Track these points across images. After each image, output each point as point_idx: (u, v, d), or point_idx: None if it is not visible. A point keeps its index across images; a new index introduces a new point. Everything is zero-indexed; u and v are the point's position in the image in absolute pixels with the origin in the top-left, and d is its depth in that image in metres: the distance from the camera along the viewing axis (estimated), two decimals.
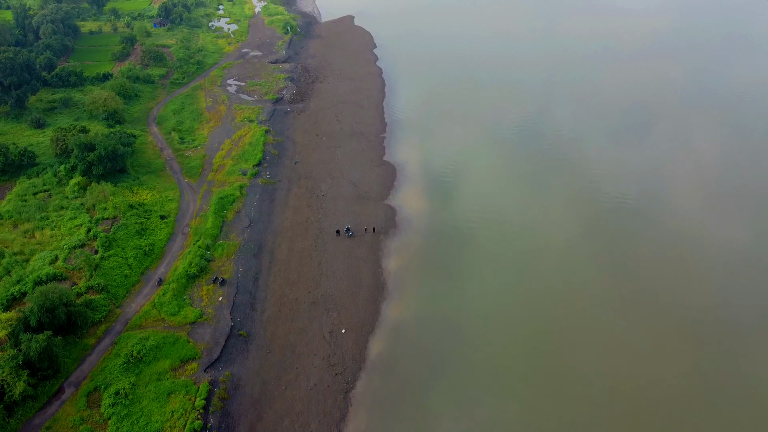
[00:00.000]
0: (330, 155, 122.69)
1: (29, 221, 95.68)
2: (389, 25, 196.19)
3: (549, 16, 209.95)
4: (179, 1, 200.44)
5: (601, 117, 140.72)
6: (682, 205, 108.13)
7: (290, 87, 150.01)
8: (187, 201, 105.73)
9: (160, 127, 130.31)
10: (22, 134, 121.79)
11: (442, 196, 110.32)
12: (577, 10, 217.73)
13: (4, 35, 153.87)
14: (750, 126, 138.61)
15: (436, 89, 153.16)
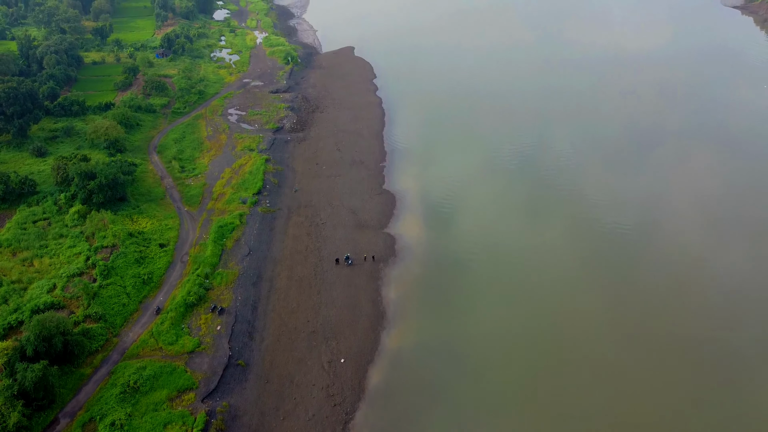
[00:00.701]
0: (330, 184, 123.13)
1: (28, 249, 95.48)
2: (389, 55, 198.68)
3: (548, 46, 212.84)
4: (182, 32, 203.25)
5: (600, 145, 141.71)
6: (681, 234, 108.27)
7: (291, 116, 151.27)
8: (186, 229, 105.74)
9: (160, 155, 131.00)
10: (23, 163, 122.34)
11: (441, 224, 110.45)
12: (576, 40, 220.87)
13: (8, 65, 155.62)
14: (748, 153, 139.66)
15: (436, 118, 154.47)
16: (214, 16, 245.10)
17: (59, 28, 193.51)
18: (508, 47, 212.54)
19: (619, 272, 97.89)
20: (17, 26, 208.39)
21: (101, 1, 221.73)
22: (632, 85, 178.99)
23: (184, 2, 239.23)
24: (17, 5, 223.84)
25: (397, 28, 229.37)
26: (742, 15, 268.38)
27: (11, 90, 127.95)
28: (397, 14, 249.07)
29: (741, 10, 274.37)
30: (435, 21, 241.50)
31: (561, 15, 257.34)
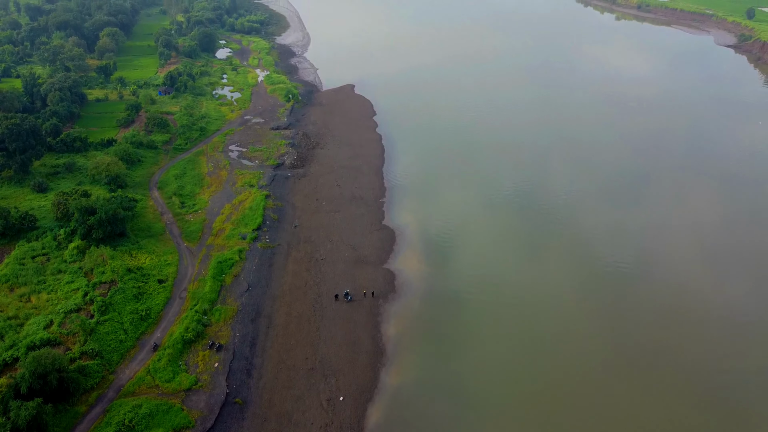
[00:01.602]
0: (329, 219, 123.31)
1: (26, 285, 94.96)
2: (389, 93, 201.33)
3: (547, 83, 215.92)
4: (184, 70, 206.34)
5: (598, 180, 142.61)
6: (680, 268, 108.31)
7: (291, 152, 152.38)
8: (185, 265, 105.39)
9: (161, 191, 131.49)
10: (24, 198, 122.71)
11: (441, 260, 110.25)
12: (575, 78, 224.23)
13: (12, 102, 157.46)
14: (745, 188, 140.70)
15: (435, 154, 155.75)
16: (216, 54, 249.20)
17: (64, 66, 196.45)
18: (507, 86, 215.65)
19: (618, 307, 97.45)
20: (23, 64, 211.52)
21: (106, 41, 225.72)
22: (629, 122, 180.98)
23: (187, 41, 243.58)
24: (23, 44, 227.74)
25: (397, 67, 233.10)
26: (735, 54, 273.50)
27: (14, 126, 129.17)
28: (397, 54, 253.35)
29: (734, 49, 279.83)
30: (435, 59, 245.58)
31: (560, 55, 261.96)
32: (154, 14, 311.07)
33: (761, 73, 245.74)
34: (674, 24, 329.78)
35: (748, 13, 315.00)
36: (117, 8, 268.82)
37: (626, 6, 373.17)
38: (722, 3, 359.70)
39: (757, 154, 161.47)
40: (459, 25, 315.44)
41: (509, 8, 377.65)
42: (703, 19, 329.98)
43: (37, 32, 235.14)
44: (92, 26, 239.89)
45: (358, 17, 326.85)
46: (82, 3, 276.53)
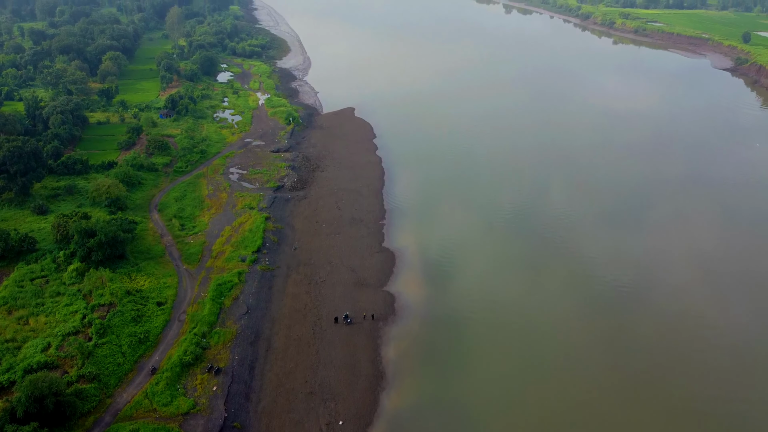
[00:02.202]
0: (329, 242, 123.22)
1: (24, 308, 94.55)
2: (389, 116, 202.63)
3: (547, 108, 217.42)
4: (186, 93, 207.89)
5: (598, 203, 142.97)
6: (681, 291, 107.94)
7: (291, 175, 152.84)
8: (185, 287, 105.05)
9: (161, 213, 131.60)
10: (24, 220, 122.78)
11: (441, 282, 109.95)
12: (574, 101, 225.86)
13: (14, 125, 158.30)
14: (745, 210, 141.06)
15: (435, 176, 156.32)
16: (217, 78, 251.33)
17: (66, 89, 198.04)
18: (507, 108, 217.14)
19: (619, 331, 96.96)
20: (26, 88, 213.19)
21: (108, 64, 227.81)
22: (628, 144, 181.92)
23: (189, 65, 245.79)
24: (26, 68, 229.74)
25: (397, 90, 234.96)
26: (732, 77, 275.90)
27: (16, 149, 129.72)
28: (398, 77, 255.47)
29: (731, 72, 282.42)
30: (435, 83, 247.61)
31: (560, 79, 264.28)
32: (157, 38, 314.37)
33: (758, 96, 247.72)
34: (671, 48, 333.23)
35: (743, 37, 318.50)
36: (120, 33, 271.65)
37: (623, 30, 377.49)
38: (718, 28, 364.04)
39: (756, 176, 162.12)
40: (458, 50, 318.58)
41: (509, 33, 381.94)
42: (699, 43, 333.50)
43: (40, 56, 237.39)
44: (95, 50, 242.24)
45: (359, 42, 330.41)
46: (86, 28, 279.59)
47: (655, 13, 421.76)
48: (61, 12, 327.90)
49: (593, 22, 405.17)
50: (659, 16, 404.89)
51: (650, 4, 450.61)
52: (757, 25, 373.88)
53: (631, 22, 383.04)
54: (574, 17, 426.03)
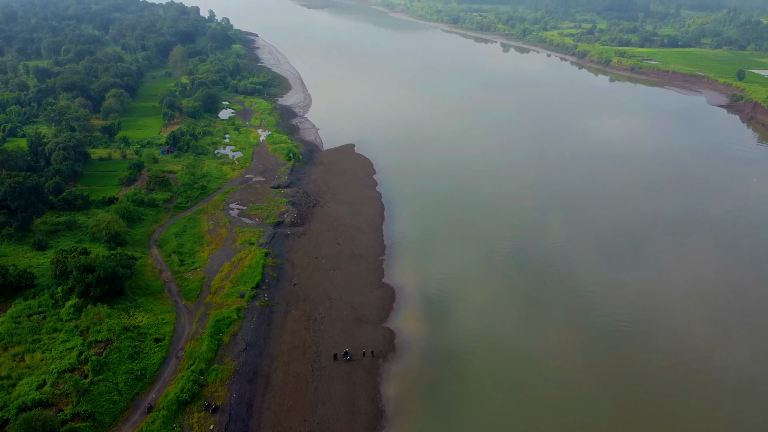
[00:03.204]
0: (329, 277, 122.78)
1: (21, 344, 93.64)
2: (389, 152, 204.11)
3: (545, 143, 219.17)
4: (187, 130, 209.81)
5: (596, 238, 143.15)
6: (681, 326, 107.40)
7: (291, 211, 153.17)
8: (183, 324, 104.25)
9: (160, 249, 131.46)
10: (23, 256, 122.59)
11: (441, 318, 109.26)
12: (572, 138, 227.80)
13: (16, 161, 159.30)
14: (743, 243, 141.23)
15: (434, 211, 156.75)
16: (219, 115, 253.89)
17: (69, 126, 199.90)
18: (505, 144, 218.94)
19: (620, 366, 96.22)
20: (29, 124, 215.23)
21: (111, 101, 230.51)
22: (627, 179, 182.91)
23: (191, 102, 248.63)
24: (30, 105, 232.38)
25: (397, 127, 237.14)
26: (728, 113, 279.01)
27: (17, 185, 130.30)
28: (397, 114, 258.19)
29: (727, 108, 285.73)
30: (434, 120, 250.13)
31: (558, 115, 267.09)
32: (160, 76, 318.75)
33: (755, 132, 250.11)
34: (667, 85, 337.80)
35: (738, 74, 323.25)
36: (123, 71, 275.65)
37: (620, 68, 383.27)
38: (713, 65, 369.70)
39: (754, 210, 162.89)
40: (456, 86, 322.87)
41: (505, 70, 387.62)
42: (694, 80, 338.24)
43: (44, 93, 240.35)
44: (98, 88, 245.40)
45: (359, 79, 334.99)
46: (90, 66, 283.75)
47: (650, 51, 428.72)
48: (66, 51, 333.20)
49: (590, 60, 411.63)
50: (654, 55, 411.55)
51: (645, 43, 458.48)
52: (751, 63, 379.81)
53: (627, 60, 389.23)
54: (571, 55, 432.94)
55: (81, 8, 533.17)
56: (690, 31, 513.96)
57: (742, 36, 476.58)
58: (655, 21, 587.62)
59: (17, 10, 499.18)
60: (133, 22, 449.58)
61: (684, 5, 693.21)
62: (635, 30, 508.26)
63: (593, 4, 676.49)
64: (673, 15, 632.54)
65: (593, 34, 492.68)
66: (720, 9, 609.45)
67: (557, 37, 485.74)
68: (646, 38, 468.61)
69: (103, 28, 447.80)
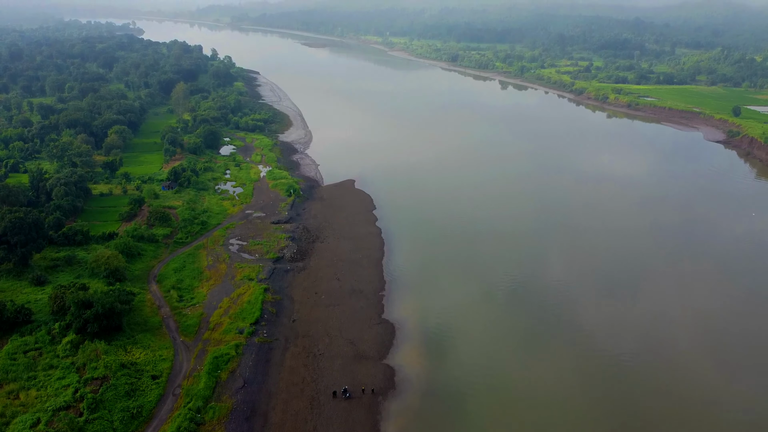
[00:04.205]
0: (328, 313, 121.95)
1: (16, 381, 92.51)
2: (389, 188, 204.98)
3: (544, 179, 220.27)
4: (188, 166, 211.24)
5: (596, 272, 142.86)
6: (684, 362, 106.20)
7: (291, 246, 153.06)
8: (180, 360, 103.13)
9: (159, 285, 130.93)
10: (21, 291, 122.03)
11: (442, 354, 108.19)
12: (571, 172, 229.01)
13: (18, 196, 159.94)
14: (745, 277, 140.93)
15: (434, 247, 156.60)
16: (220, 151, 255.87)
17: (71, 162, 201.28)
18: (504, 180, 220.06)
19: (622, 405, 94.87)
20: (31, 160, 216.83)
21: (113, 138, 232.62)
22: (626, 214, 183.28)
23: (192, 138, 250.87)
24: (33, 141, 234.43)
25: (397, 163, 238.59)
26: (725, 149, 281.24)
27: (18, 220, 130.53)
28: (397, 150, 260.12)
29: (724, 144, 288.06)
30: (433, 155, 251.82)
31: (558, 151, 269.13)
32: (162, 113, 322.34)
33: (752, 167, 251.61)
34: (664, 121, 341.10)
35: (734, 110, 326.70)
36: (126, 107, 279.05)
37: (617, 104, 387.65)
38: (708, 102, 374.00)
39: (754, 244, 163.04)
40: (456, 121, 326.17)
41: (504, 106, 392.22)
42: (691, 117, 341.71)
43: (47, 130, 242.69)
44: (101, 124, 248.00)
45: (359, 116, 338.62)
46: (93, 103, 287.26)
47: (646, 88, 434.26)
48: (70, 88, 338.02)
49: (587, 96, 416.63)
50: (651, 92, 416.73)
51: (641, 80, 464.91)
52: (746, 100, 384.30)
53: (623, 96, 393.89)
54: (568, 92, 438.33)
55: (86, 47, 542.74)
56: (685, 69, 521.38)
57: (736, 73, 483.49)
58: (650, 59, 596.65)
59: (23, 48, 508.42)
60: (137, 60, 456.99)
61: (678, 44, 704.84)
62: (631, 68, 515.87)
63: (589, 42, 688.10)
64: (668, 53, 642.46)
65: (590, 72, 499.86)
66: (714, 47, 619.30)
67: (554, 74, 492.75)
68: (642, 75, 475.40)
69: (108, 66, 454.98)
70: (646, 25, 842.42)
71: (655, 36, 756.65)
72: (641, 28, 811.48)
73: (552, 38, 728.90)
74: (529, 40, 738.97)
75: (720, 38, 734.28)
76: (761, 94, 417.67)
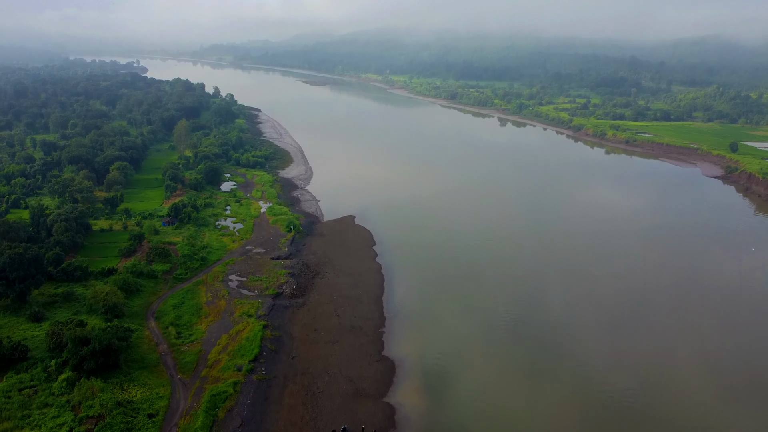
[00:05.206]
0: (327, 350, 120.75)
1: (9, 420, 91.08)
2: (389, 223, 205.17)
3: (544, 216, 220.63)
4: (189, 202, 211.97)
5: (596, 309, 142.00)
6: (686, 399, 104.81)
7: (290, 282, 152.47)
8: (178, 398, 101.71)
9: (158, 321, 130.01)
10: (18, 327, 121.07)
11: (442, 392, 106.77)
12: (571, 209, 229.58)
13: (18, 232, 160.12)
14: (747, 312, 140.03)
15: (434, 283, 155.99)
16: (221, 187, 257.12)
17: (72, 197, 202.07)
18: (505, 216, 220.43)
19: None
20: (33, 196, 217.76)
21: (115, 174, 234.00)
22: (626, 250, 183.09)
23: (193, 174, 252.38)
24: (35, 177, 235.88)
25: (397, 199, 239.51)
26: (724, 185, 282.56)
27: (17, 256, 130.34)
28: (397, 187, 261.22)
29: (722, 180, 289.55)
30: (433, 192, 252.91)
31: (557, 187, 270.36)
32: (164, 149, 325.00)
33: (751, 203, 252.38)
34: (662, 157, 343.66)
35: (731, 146, 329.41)
36: (128, 144, 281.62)
37: (615, 141, 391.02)
38: (706, 138, 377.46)
39: (754, 280, 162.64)
40: (455, 158, 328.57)
41: (503, 143, 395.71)
42: (689, 153, 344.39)
43: (49, 166, 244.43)
44: (103, 160, 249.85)
45: (359, 152, 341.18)
46: (96, 139, 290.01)
47: (644, 125, 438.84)
48: (73, 125, 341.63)
49: (585, 133, 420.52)
50: (648, 128, 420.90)
51: (638, 116, 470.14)
52: (743, 136, 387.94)
53: (621, 133, 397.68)
54: (567, 129, 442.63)
55: (90, 85, 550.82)
56: (682, 106, 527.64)
57: (732, 110, 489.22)
58: (647, 96, 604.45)
59: (28, 86, 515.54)
60: (140, 97, 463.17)
61: (674, 81, 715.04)
62: (628, 104, 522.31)
63: (586, 80, 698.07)
64: (664, 90, 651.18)
65: (588, 109, 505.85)
66: (709, 85, 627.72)
67: (552, 111, 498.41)
68: (639, 112, 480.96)
69: (111, 104, 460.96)
70: (642, 63, 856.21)
71: (651, 74, 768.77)
72: (637, 66, 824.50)
73: (549, 76, 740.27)
74: (527, 78, 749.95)
75: (715, 76, 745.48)
76: (758, 131, 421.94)
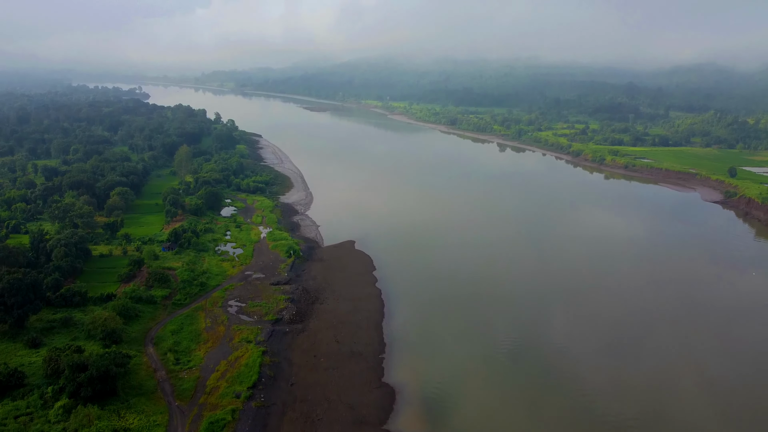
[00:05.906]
0: (327, 377, 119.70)
1: None
2: (389, 249, 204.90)
3: (545, 240, 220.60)
4: (189, 227, 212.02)
5: (598, 333, 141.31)
6: (688, 425, 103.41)
7: (290, 308, 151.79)
8: (175, 425, 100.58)
9: (156, 347, 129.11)
10: (15, 353, 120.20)
11: (443, 419, 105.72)
12: (572, 233, 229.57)
13: (17, 257, 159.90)
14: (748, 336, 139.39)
15: (434, 309, 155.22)
16: (221, 212, 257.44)
17: (73, 222, 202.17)
18: (505, 241, 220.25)
19: None
20: (33, 221, 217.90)
21: (115, 199, 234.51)
22: (626, 275, 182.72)
23: (194, 200, 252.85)
24: (36, 202, 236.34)
25: (397, 224, 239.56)
26: (723, 209, 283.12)
27: (15, 281, 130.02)
28: (397, 212, 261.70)
29: (722, 204, 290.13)
30: (433, 217, 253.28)
31: (557, 212, 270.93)
32: (165, 175, 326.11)
33: (751, 227, 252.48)
34: (661, 182, 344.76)
35: (730, 171, 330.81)
36: (129, 169, 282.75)
37: (614, 166, 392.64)
38: (704, 163, 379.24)
39: (756, 303, 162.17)
40: (455, 183, 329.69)
41: (502, 168, 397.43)
42: (687, 178, 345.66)
43: (50, 191, 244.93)
44: (104, 186, 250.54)
45: (360, 178, 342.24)
46: (97, 165, 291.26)
47: (642, 150, 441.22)
48: (75, 150, 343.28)
49: (584, 158, 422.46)
50: (647, 153, 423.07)
51: (637, 142, 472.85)
52: (741, 161, 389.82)
53: (620, 158, 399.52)
54: (566, 154, 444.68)
55: (92, 111, 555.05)
56: (680, 131, 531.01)
57: (730, 135, 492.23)
58: (645, 122, 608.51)
59: (31, 112, 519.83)
60: (141, 123, 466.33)
61: (672, 107, 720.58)
62: (627, 130, 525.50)
63: (585, 106, 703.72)
64: (662, 116, 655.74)
65: (586, 134, 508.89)
66: (706, 110, 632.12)
67: (551, 137, 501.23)
68: (637, 138, 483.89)
69: (113, 130, 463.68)
70: (640, 89, 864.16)
71: (649, 99, 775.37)
72: (635, 92, 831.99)
73: (548, 102, 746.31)
74: (526, 104, 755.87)
75: (712, 102, 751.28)
76: (756, 156, 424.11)
